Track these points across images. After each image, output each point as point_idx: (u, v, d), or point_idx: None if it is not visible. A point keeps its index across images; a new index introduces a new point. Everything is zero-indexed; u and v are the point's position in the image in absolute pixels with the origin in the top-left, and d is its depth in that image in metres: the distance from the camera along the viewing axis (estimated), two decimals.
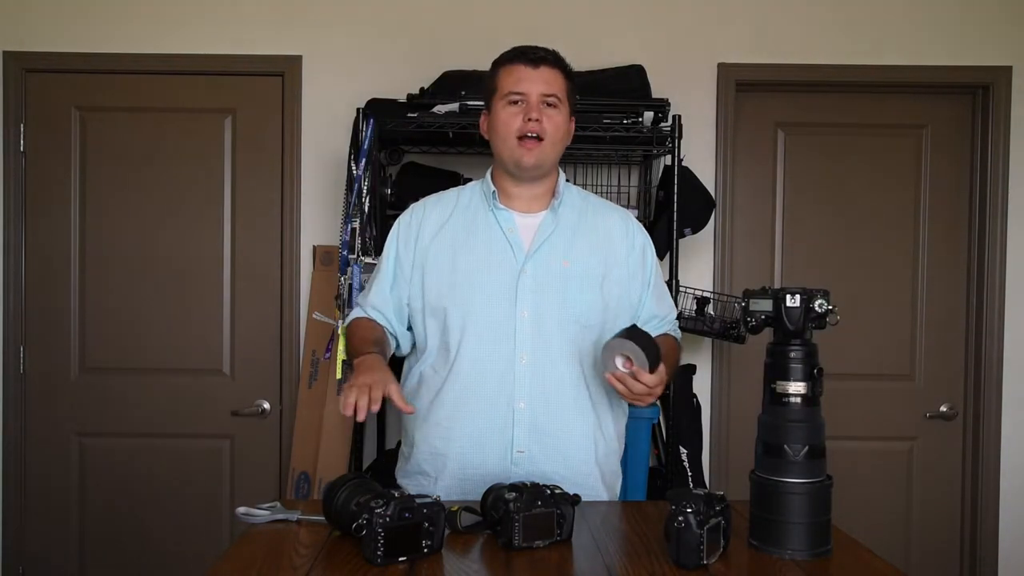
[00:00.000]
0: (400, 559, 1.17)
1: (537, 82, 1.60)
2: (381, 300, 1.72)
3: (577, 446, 1.62)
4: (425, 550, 1.19)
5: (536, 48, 1.64)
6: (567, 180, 1.77)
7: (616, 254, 1.69)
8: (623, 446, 1.76)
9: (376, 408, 1.39)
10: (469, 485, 1.59)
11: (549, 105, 1.61)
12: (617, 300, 1.67)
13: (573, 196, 1.74)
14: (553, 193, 1.70)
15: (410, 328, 1.73)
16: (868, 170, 2.87)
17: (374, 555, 1.16)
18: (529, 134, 1.60)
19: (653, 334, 1.55)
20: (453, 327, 1.61)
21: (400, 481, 1.72)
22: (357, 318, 1.74)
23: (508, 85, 1.62)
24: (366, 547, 1.17)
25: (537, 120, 1.60)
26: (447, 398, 1.62)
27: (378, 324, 1.71)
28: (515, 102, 1.61)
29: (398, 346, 1.74)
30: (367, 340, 1.62)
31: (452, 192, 1.77)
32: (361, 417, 1.38)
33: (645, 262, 1.73)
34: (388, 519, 1.15)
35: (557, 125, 1.63)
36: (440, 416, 1.62)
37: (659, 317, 1.75)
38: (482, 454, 1.60)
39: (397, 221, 1.76)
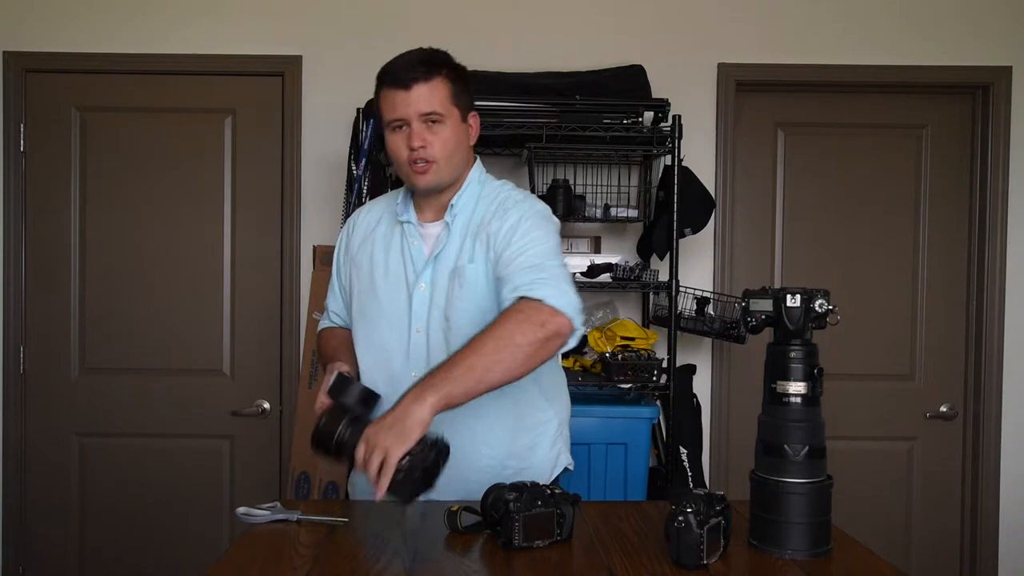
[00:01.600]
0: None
1: (413, 104, 1.51)
2: (336, 305, 1.77)
3: (485, 445, 1.58)
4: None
5: (406, 66, 1.53)
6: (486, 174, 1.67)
7: (494, 242, 1.54)
8: (564, 424, 1.69)
9: None
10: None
11: (433, 122, 1.53)
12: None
13: (469, 198, 1.61)
14: (451, 204, 1.60)
15: None
16: (868, 170, 2.87)
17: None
18: (418, 160, 1.53)
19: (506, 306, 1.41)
20: (358, 339, 1.64)
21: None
22: (326, 328, 1.79)
23: (387, 112, 1.55)
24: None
25: (422, 147, 1.52)
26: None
27: (345, 329, 1.75)
28: (399, 127, 1.54)
29: None
30: (337, 348, 1.68)
31: (388, 197, 1.75)
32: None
33: (512, 229, 1.52)
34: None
35: (444, 140, 1.53)
36: None
37: (519, 284, 1.43)
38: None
39: (340, 234, 1.78)
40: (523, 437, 1.62)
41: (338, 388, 1.41)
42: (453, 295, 1.54)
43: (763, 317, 1.29)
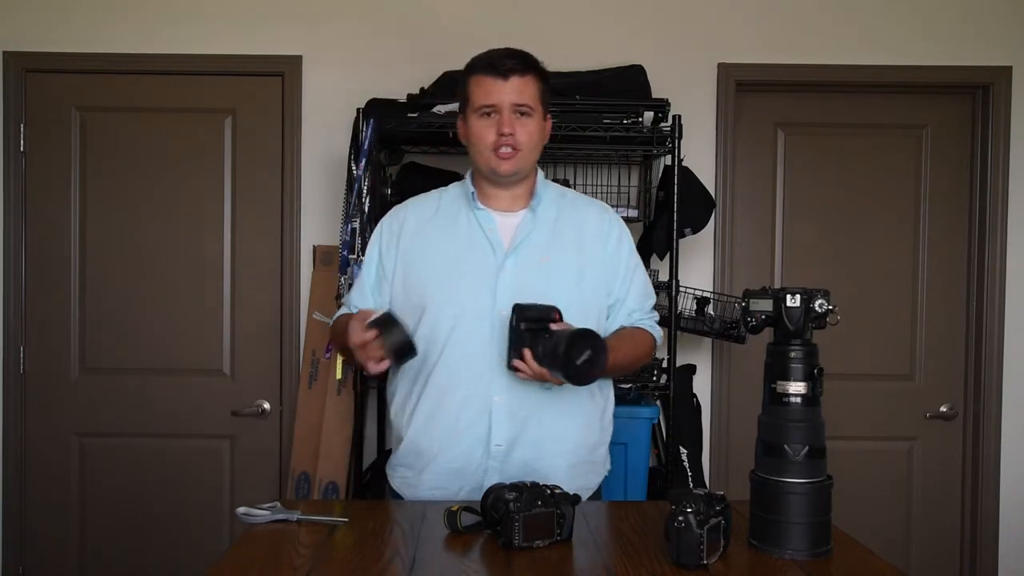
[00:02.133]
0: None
1: (508, 93, 1.61)
2: (362, 301, 1.74)
3: (555, 440, 1.63)
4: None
5: (505, 57, 1.63)
6: (545, 178, 1.78)
7: (592, 247, 1.70)
8: (608, 436, 1.76)
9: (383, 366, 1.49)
10: (447, 479, 1.62)
11: (521, 114, 1.63)
12: (593, 293, 1.69)
13: (551, 194, 1.75)
14: (532, 193, 1.72)
15: None
16: (868, 170, 2.87)
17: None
18: (504, 146, 1.62)
19: (627, 325, 1.71)
20: (432, 326, 1.63)
21: (387, 471, 1.75)
22: (343, 314, 1.78)
23: (479, 98, 1.63)
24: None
25: (511, 134, 1.61)
26: (427, 395, 1.64)
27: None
28: (487, 114, 1.63)
29: None
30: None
31: (434, 194, 1.80)
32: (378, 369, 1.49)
33: (620, 253, 1.73)
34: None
35: (531, 132, 1.64)
36: (420, 412, 1.65)
37: (635, 310, 1.75)
38: (460, 447, 1.62)
39: (380, 223, 1.79)
40: (591, 436, 1.71)
41: (384, 324, 1.48)
42: (547, 280, 1.63)
43: (763, 317, 1.29)
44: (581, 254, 1.68)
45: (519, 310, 1.51)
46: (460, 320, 1.62)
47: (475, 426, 1.61)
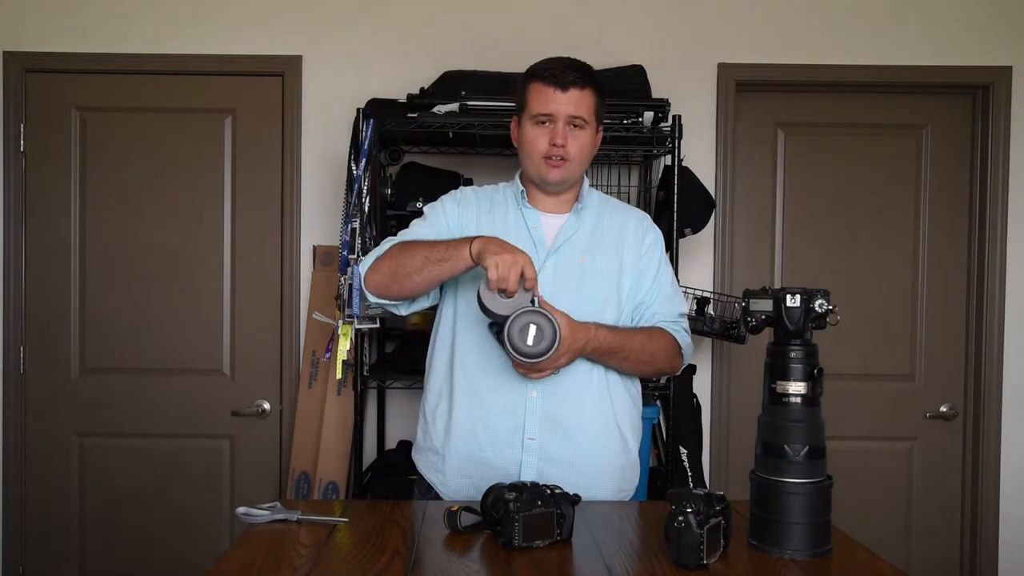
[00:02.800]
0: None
1: (565, 105, 1.64)
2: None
3: (589, 437, 1.65)
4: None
5: (566, 68, 1.65)
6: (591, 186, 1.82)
7: (628, 252, 1.74)
8: (639, 441, 1.78)
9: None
10: (477, 468, 1.63)
11: (576, 126, 1.66)
12: (628, 295, 1.72)
13: (595, 200, 1.80)
14: (577, 197, 1.76)
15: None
16: (868, 170, 2.87)
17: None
18: (554, 156, 1.65)
19: (649, 324, 1.71)
20: (476, 312, 1.63)
21: (414, 456, 1.77)
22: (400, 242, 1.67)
23: (537, 106, 1.65)
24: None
25: (563, 145, 1.64)
26: (464, 380, 1.66)
27: None
28: (542, 122, 1.66)
29: (414, 298, 1.70)
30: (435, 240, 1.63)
31: (488, 189, 1.84)
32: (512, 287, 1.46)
33: (652, 258, 1.76)
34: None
35: (582, 145, 1.68)
36: (456, 396, 1.67)
37: (659, 313, 1.76)
38: (492, 437, 1.63)
39: (450, 194, 1.80)
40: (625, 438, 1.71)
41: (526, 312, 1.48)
42: (585, 280, 1.67)
43: (763, 317, 1.29)
44: (619, 257, 1.72)
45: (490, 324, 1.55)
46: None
47: (508, 418, 1.62)
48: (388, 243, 1.68)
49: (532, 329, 1.46)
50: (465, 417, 1.65)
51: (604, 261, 1.71)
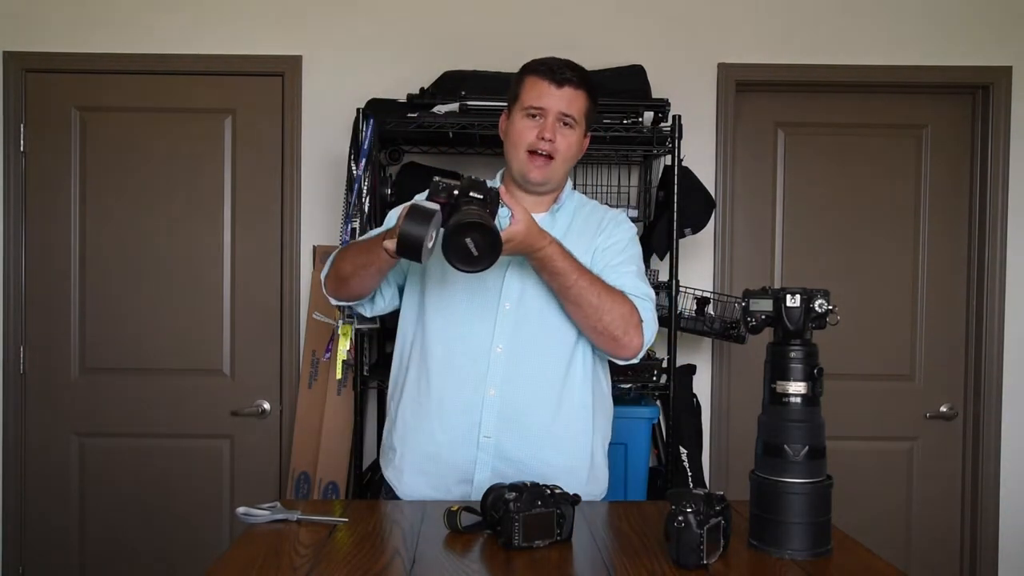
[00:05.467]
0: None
1: (558, 100, 1.64)
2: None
3: (545, 438, 1.62)
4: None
5: (564, 66, 1.66)
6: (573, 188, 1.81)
7: (598, 245, 1.71)
8: (607, 442, 1.76)
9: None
10: (432, 465, 1.63)
11: (565, 124, 1.65)
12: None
13: (574, 202, 1.78)
14: (556, 199, 1.74)
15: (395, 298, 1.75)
16: (868, 170, 2.87)
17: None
18: (540, 151, 1.64)
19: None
20: (438, 310, 1.65)
21: (380, 458, 1.77)
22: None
23: (529, 98, 1.65)
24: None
25: (550, 140, 1.63)
26: (424, 378, 1.65)
27: None
28: (533, 116, 1.65)
29: (371, 300, 1.72)
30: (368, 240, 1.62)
31: None
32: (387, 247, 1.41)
33: (618, 242, 1.70)
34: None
35: (569, 144, 1.67)
36: (414, 394, 1.67)
37: (626, 285, 1.65)
38: (448, 435, 1.62)
39: (416, 198, 1.75)
40: (560, 427, 1.64)
41: (421, 212, 1.34)
42: (539, 279, 1.61)
43: (763, 317, 1.29)
44: (589, 253, 1.70)
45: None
46: (461, 312, 1.63)
47: (464, 415, 1.61)
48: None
49: (469, 242, 1.34)
50: (423, 414, 1.64)
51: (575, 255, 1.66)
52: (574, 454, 1.66)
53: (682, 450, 2.56)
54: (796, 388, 1.25)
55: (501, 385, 1.61)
